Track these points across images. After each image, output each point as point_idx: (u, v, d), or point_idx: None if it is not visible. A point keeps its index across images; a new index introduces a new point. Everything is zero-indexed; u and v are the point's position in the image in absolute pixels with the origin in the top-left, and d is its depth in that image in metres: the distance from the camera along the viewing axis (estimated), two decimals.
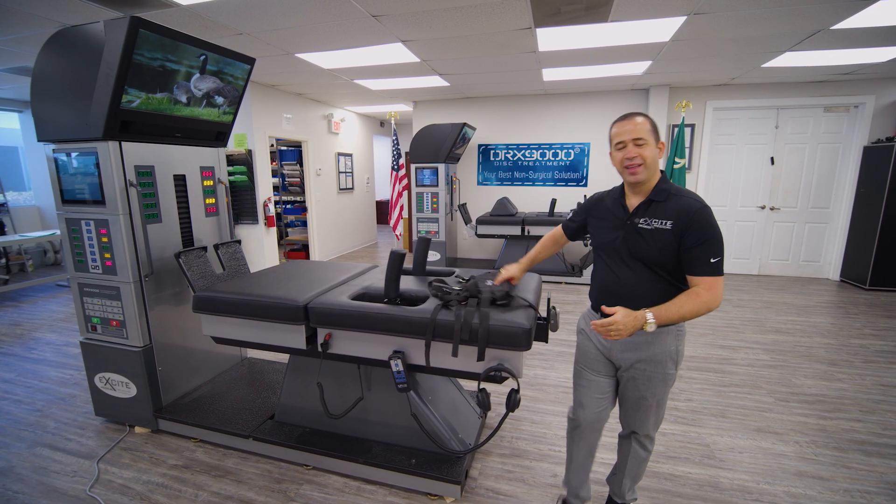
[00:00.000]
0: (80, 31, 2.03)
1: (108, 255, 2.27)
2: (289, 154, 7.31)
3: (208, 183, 2.70)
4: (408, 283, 2.11)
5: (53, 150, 2.25)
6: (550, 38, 3.64)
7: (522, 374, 1.64)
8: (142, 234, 2.26)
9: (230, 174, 5.60)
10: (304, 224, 7.26)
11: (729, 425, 2.47)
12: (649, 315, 1.29)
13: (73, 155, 2.20)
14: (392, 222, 6.28)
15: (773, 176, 5.74)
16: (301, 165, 6.94)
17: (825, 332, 3.89)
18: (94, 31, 1.99)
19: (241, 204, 5.72)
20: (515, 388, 1.64)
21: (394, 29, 3.40)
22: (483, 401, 1.62)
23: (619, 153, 1.42)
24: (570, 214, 1.79)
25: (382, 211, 10.67)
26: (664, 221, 1.36)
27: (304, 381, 2.24)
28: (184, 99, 2.33)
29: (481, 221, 5.80)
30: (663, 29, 3.41)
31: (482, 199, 6.81)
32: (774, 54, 4.13)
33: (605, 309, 1.37)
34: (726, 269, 6.09)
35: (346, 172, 7.78)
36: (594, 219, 1.60)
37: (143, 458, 2.26)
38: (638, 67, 4.65)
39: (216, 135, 2.69)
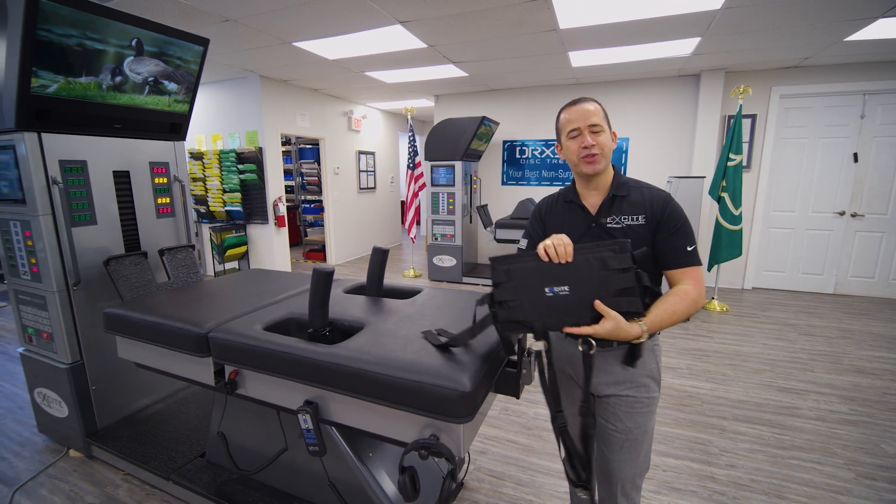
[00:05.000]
0: None
1: (33, 261, 2.03)
2: (308, 152, 7.15)
3: (161, 181, 2.41)
4: (352, 307, 1.68)
5: None
6: (571, 11, 3.07)
7: (464, 453, 1.15)
8: (67, 238, 1.99)
9: (240, 172, 5.46)
10: None
11: None
12: (642, 324, 1.07)
13: None
14: (407, 224, 5.90)
15: (857, 176, 4.75)
16: (319, 164, 6.73)
17: None
18: (1, 3, 1.73)
19: (252, 203, 5.57)
20: (452, 469, 1.16)
21: (386, 6, 2.99)
22: (403, 486, 1.15)
23: (574, 142, 1.23)
24: (524, 236, 1.42)
25: None
26: (635, 217, 1.21)
27: (234, 416, 1.87)
28: (119, 85, 2.04)
29: (500, 225, 5.27)
30: None
31: (507, 199, 6.26)
32: (863, 22, 3.29)
33: (598, 306, 1.05)
34: (793, 285, 5.15)
35: (367, 171, 7.50)
36: (552, 227, 1.32)
37: (63, 490, 1.99)
38: (684, 46, 3.93)
39: (169, 126, 2.40)
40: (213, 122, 5.63)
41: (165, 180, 2.44)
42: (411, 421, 1.22)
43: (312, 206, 7.44)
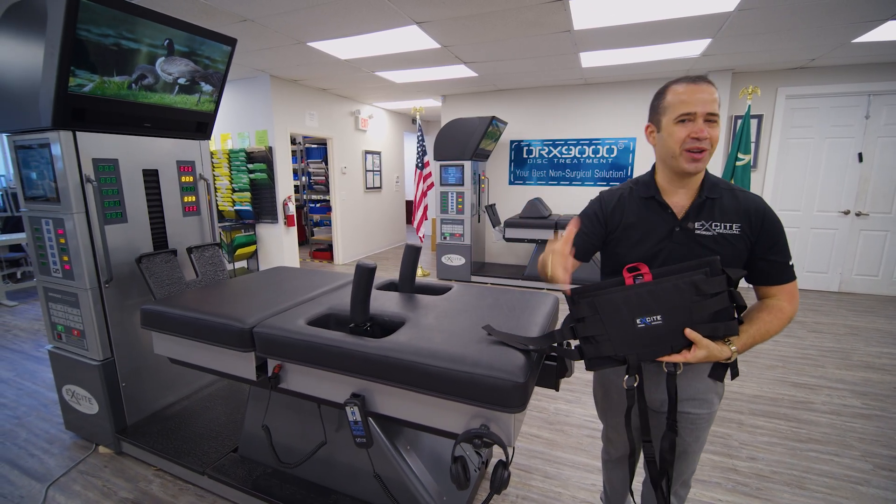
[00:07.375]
0: (26, 6, 1.80)
1: (66, 259, 2.05)
2: (315, 152, 7.17)
3: (187, 179, 2.43)
4: (388, 303, 1.71)
5: (15, 142, 2.06)
6: (587, 12, 3.12)
7: (513, 442, 1.19)
8: (100, 236, 2.01)
9: (250, 171, 5.48)
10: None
11: (809, 503, 1.87)
12: (732, 346, 1.02)
13: (28, 147, 1.99)
14: (415, 223, 5.92)
15: (862, 175, 4.82)
16: (326, 164, 6.75)
17: None
18: (40, 3, 1.75)
19: (262, 203, 5.58)
20: (504, 459, 1.19)
21: (404, 7, 3.02)
22: (457, 475, 1.18)
23: (682, 128, 1.02)
24: (574, 244, 1.29)
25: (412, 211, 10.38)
26: (729, 225, 1.07)
27: (271, 410, 1.90)
28: (150, 84, 2.06)
29: (509, 224, 5.31)
30: None
31: (514, 199, 6.30)
32: (871, 24, 3.35)
33: (689, 334, 0.99)
34: (798, 283, 5.20)
35: (373, 171, 7.53)
36: (624, 228, 1.17)
37: (96, 486, 2.01)
38: (694, 48, 3.98)
39: (196, 125, 2.42)
40: (221, 122, 5.64)
41: (191, 179, 2.46)
42: (458, 411, 1.25)
43: (318, 205, 7.46)
